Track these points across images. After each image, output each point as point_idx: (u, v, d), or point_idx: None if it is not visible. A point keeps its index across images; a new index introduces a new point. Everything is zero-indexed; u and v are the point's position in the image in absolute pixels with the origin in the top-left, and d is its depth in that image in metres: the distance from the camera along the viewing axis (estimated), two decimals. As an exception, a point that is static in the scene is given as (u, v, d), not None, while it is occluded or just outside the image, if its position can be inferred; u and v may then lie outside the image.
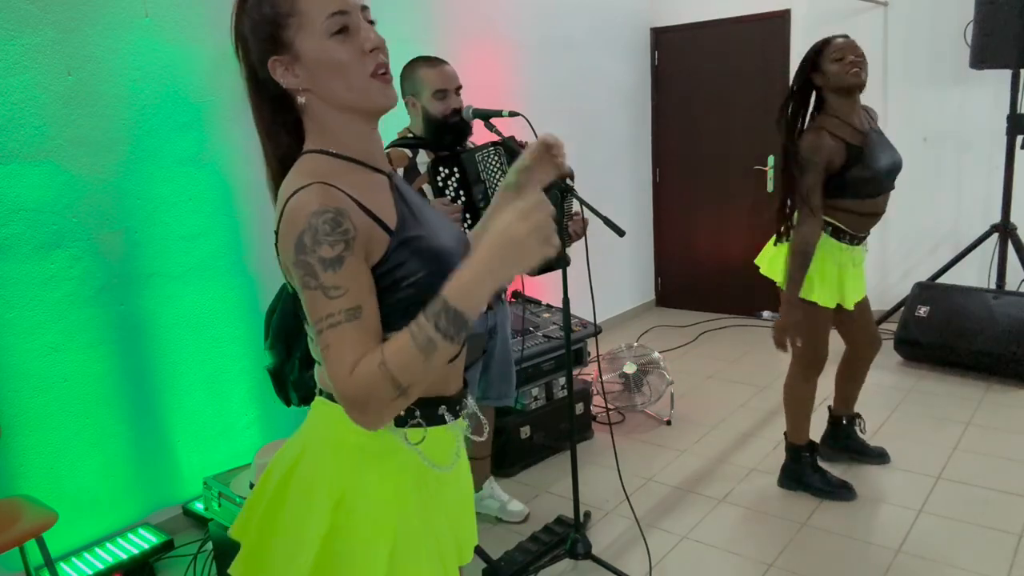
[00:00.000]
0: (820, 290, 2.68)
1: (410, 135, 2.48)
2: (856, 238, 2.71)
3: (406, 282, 1.04)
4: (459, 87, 2.42)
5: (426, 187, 2.40)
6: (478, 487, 2.87)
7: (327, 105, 1.06)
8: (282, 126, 1.11)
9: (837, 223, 2.67)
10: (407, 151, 2.43)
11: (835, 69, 2.56)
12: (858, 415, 3.09)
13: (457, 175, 2.32)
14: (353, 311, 0.99)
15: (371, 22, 1.07)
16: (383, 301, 1.03)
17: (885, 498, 2.83)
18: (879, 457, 3.09)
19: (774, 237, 2.79)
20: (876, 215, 2.69)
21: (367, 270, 1.01)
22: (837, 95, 2.59)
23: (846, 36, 2.60)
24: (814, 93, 2.68)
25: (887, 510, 2.75)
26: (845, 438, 3.10)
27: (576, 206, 2.34)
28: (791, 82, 2.69)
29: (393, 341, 0.98)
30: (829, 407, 3.14)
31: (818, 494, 2.86)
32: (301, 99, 1.05)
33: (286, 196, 1.01)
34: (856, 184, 2.59)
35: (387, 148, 2.44)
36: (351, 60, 1.03)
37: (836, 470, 2.97)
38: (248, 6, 1.06)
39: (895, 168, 2.65)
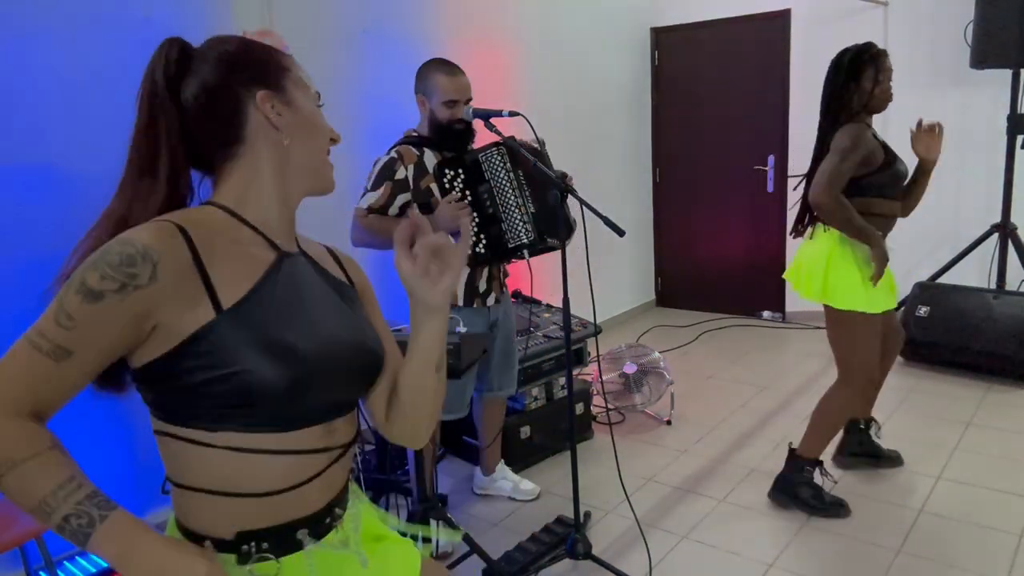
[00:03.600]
0: (866, 297, 2.61)
1: (414, 134, 2.59)
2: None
3: (218, 372, 0.91)
4: (469, 99, 2.53)
5: (434, 186, 2.50)
6: (491, 470, 3.02)
7: (287, 159, 1.06)
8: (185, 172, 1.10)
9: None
10: (414, 149, 2.52)
11: (877, 92, 2.60)
12: (873, 419, 3.04)
13: (462, 176, 2.42)
14: (62, 351, 0.87)
15: None
16: (184, 384, 0.92)
17: (885, 498, 2.83)
18: (893, 461, 3.05)
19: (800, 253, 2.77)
20: (895, 217, 2.73)
21: (120, 330, 0.89)
22: (864, 110, 2.63)
23: (886, 52, 2.63)
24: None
25: (887, 510, 2.75)
26: (859, 444, 3.05)
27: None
28: (831, 83, 2.65)
29: (52, 456, 0.89)
30: None
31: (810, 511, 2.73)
32: (286, 141, 1.05)
33: None
34: (891, 182, 2.61)
35: (396, 146, 2.51)
36: (325, 133, 1.10)
37: (853, 476, 2.96)
38: (252, 40, 1.09)
39: (908, 173, 2.69)
